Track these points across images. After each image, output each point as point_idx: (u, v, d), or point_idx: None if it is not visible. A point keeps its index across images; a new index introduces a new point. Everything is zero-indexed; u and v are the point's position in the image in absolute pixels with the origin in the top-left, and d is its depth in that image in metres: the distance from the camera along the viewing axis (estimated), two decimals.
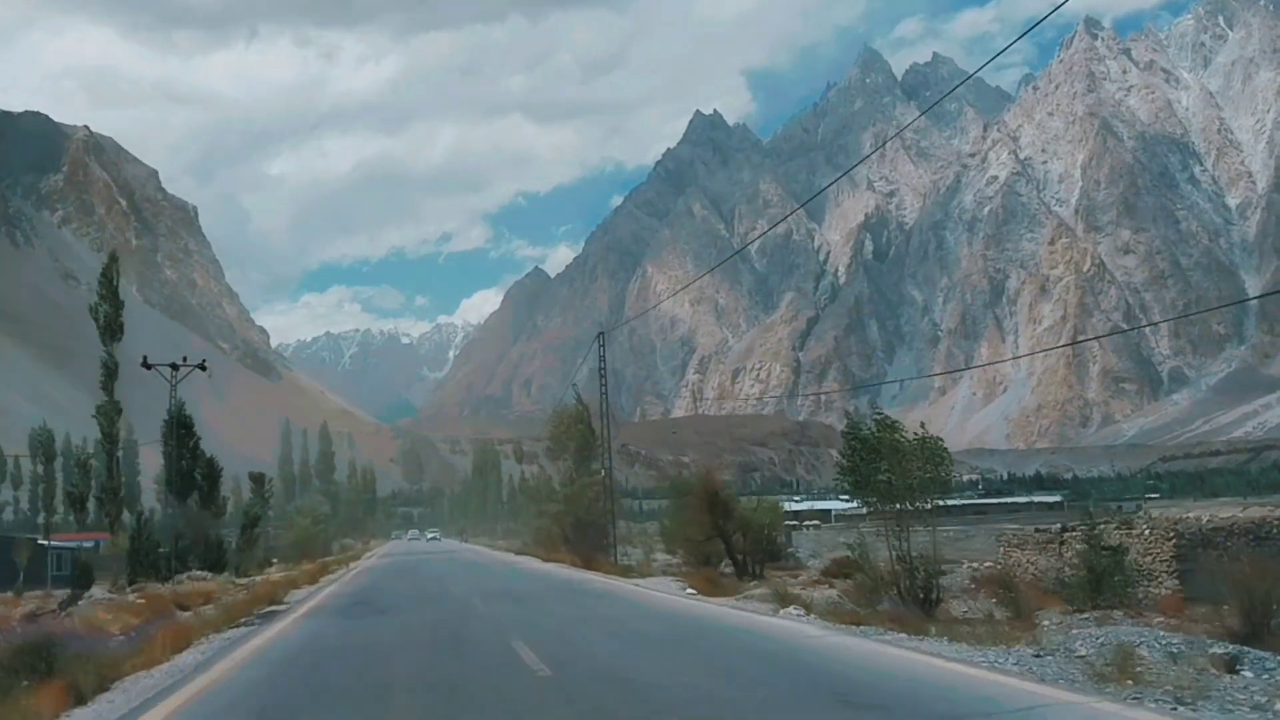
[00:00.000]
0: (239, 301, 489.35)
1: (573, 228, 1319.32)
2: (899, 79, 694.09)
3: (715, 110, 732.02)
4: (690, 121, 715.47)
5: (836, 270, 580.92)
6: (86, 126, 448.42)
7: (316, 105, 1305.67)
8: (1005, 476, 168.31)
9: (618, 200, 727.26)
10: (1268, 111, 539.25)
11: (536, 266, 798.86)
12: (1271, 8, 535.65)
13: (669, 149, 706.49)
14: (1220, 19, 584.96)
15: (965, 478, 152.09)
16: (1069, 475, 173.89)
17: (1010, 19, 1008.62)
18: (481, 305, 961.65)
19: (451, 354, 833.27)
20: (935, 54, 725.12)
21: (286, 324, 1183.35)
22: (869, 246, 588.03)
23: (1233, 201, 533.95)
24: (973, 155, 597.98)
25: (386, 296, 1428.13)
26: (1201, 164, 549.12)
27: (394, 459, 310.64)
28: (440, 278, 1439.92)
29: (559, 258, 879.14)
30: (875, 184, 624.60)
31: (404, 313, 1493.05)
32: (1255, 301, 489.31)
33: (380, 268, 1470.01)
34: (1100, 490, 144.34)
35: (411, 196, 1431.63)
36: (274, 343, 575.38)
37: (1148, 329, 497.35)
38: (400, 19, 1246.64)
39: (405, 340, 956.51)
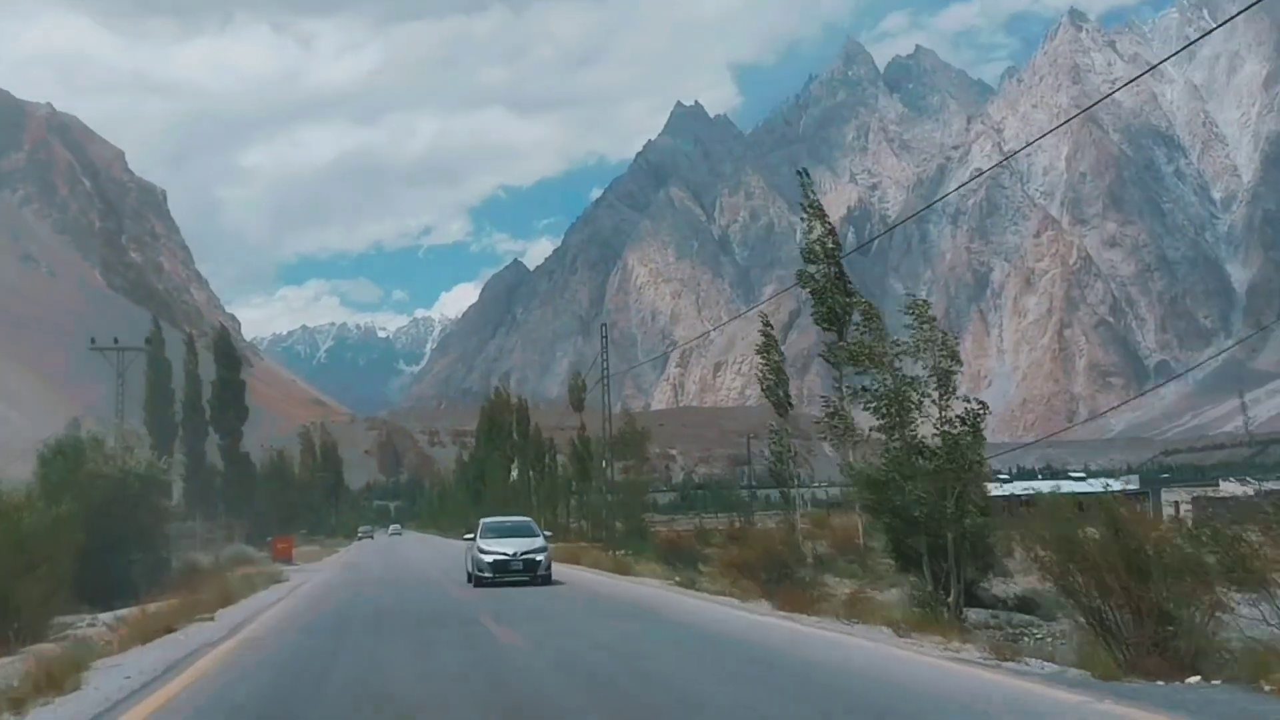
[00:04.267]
0: (208, 287, 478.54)
1: (554, 221, 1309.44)
2: (881, 71, 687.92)
3: (696, 102, 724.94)
4: (671, 113, 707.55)
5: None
6: (50, 104, 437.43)
7: (294, 95, 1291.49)
8: (1014, 470, 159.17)
9: (599, 193, 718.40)
10: (1253, 105, 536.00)
11: (516, 259, 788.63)
12: None
13: (649, 141, 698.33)
14: (1205, 12, 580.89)
15: None
16: (1080, 469, 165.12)
17: (994, 13, 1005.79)
18: (460, 299, 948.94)
19: (429, 347, 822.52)
20: (918, 46, 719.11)
21: (262, 317, 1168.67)
22: (851, 239, 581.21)
23: (1218, 194, 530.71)
24: (956, 148, 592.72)
25: (363, 290, 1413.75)
26: (1186, 157, 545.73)
27: (370, 450, 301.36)
28: (419, 271, 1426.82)
29: (539, 250, 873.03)
30: (858, 176, 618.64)
31: (381, 306, 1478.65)
32: (1242, 295, 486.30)
33: (359, 261, 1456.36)
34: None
35: (390, 189, 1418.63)
36: (249, 336, 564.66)
37: (1133, 322, 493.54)
38: (380, 9, 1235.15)
39: (382, 334, 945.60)
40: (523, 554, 25.83)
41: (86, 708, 9.88)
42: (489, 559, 25.75)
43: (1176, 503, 61.69)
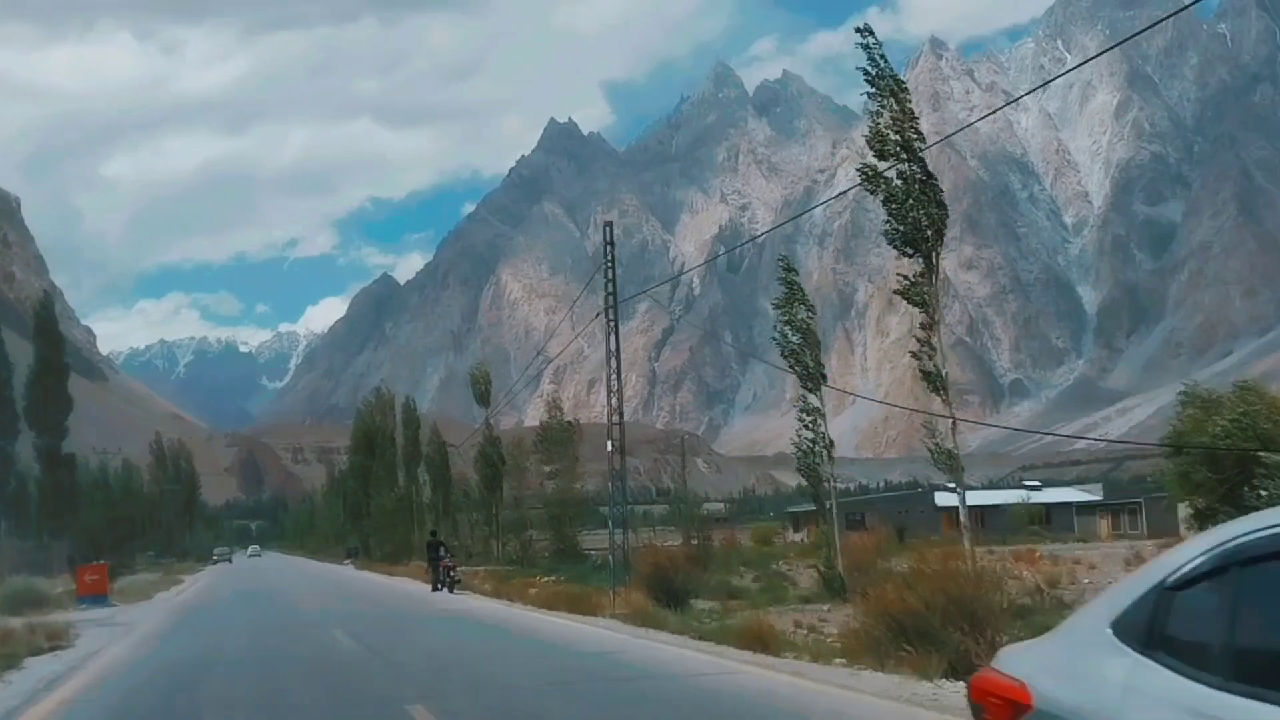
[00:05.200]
0: (63, 298, 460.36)
1: (427, 235, 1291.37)
2: (750, 94, 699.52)
3: (570, 119, 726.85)
4: (544, 129, 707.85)
5: (691, 281, 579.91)
6: None
7: (159, 103, 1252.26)
8: (882, 484, 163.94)
9: (471, 207, 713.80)
10: (1103, 133, 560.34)
11: (385, 273, 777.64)
12: (1108, 32, 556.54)
13: (523, 156, 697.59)
14: (1059, 43, 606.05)
15: (840, 485, 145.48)
16: (951, 485, 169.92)
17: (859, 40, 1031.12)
18: (327, 313, 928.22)
19: (293, 363, 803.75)
20: (785, 71, 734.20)
21: (119, 330, 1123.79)
22: (722, 258, 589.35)
23: (1070, 219, 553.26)
24: (822, 171, 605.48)
25: (225, 303, 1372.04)
26: (1040, 183, 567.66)
27: (229, 468, 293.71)
28: (284, 284, 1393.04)
29: (410, 265, 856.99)
30: (728, 196, 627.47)
31: (244, 320, 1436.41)
32: (1093, 316, 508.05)
33: (222, 273, 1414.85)
34: None
35: (257, 200, 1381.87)
36: (106, 349, 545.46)
37: (989, 341, 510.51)
38: (249, 17, 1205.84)
39: (244, 348, 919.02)
40: None
41: None
42: None
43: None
